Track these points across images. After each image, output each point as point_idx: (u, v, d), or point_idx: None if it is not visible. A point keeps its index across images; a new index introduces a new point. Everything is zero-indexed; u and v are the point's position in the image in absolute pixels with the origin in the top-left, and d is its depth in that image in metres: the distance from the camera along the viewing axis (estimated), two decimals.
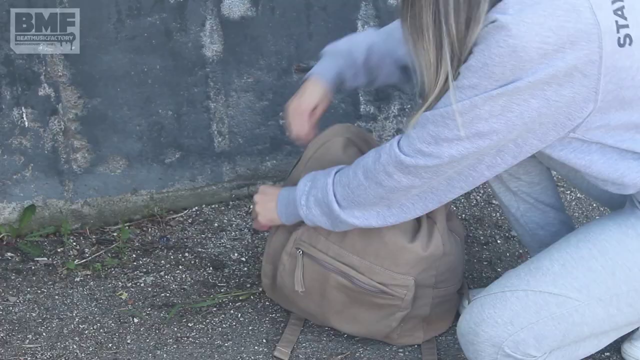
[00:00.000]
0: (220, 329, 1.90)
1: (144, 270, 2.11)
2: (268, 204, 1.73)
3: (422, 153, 1.43)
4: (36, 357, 1.83)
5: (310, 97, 1.74)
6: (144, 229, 2.26)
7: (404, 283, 1.70)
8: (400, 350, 1.82)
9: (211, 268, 2.11)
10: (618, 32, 1.33)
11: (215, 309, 1.96)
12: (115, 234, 2.25)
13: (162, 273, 2.10)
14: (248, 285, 2.04)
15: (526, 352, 1.51)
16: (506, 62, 1.32)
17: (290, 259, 1.77)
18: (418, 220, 1.72)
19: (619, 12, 1.34)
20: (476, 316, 1.53)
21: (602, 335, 1.56)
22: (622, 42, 1.34)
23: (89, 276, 2.09)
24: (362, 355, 1.81)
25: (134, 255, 2.16)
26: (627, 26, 1.34)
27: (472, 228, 2.23)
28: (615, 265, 1.48)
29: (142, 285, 2.06)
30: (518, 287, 1.52)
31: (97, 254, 2.17)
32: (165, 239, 2.22)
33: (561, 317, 1.49)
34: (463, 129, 1.38)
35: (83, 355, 1.83)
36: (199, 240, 2.22)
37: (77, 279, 2.08)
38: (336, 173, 1.60)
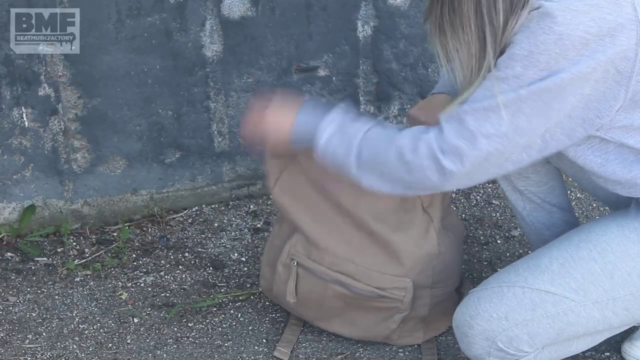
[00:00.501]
0: (220, 329, 1.90)
1: (144, 270, 2.11)
2: (286, 111, 1.56)
3: (458, 151, 1.37)
4: (36, 357, 1.83)
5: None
6: (144, 229, 2.26)
7: (402, 285, 1.70)
8: (400, 350, 1.82)
9: (211, 268, 2.11)
10: None
11: (215, 309, 1.96)
12: (115, 234, 2.25)
13: (162, 273, 2.10)
14: (248, 285, 2.04)
15: (519, 347, 1.51)
16: (551, 49, 1.30)
17: (285, 270, 1.76)
18: (413, 218, 1.71)
19: None
20: (472, 309, 1.54)
21: (596, 334, 1.56)
22: None
23: (89, 276, 2.09)
24: (362, 355, 1.81)
25: (134, 255, 2.16)
26: None
27: (472, 228, 2.23)
28: (614, 269, 1.48)
29: (142, 285, 2.06)
30: (515, 284, 1.52)
31: (97, 254, 2.17)
32: (165, 239, 2.22)
33: (556, 316, 1.49)
34: (506, 123, 1.34)
35: (83, 355, 1.83)
36: (199, 240, 2.22)
37: (77, 279, 2.08)
38: (368, 130, 1.48)
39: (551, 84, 1.32)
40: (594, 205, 2.31)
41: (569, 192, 2.36)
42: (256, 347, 1.84)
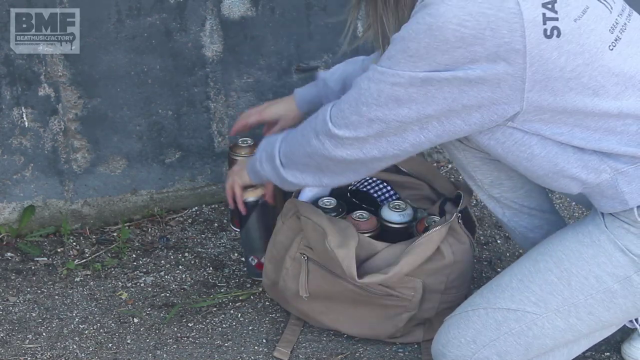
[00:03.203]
0: (220, 329, 1.90)
1: (144, 270, 2.11)
2: (242, 170, 1.79)
3: (345, 118, 1.46)
4: (36, 357, 1.83)
5: (276, 108, 1.93)
6: (144, 229, 2.26)
7: (412, 285, 1.70)
8: (400, 350, 1.82)
9: (211, 268, 2.11)
10: (545, 23, 1.34)
11: (215, 309, 1.97)
12: (115, 234, 2.25)
13: (162, 273, 2.10)
14: (248, 285, 2.04)
15: None
16: (421, 38, 1.34)
17: (294, 264, 1.77)
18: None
19: (549, 6, 1.35)
20: (443, 337, 1.58)
21: (572, 344, 1.57)
22: (549, 33, 1.35)
23: (89, 276, 2.09)
24: (362, 355, 1.81)
25: (134, 255, 2.16)
26: (556, 19, 1.35)
27: None
28: (570, 276, 1.48)
29: (142, 285, 2.06)
30: (479, 306, 1.54)
31: (97, 254, 2.17)
32: (165, 239, 2.22)
33: (520, 332, 1.51)
34: (381, 100, 1.41)
35: (83, 355, 1.83)
36: (199, 240, 2.22)
37: (77, 279, 2.08)
38: (286, 135, 1.63)
39: (422, 75, 1.37)
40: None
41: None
42: (256, 347, 1.84)
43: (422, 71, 1.36)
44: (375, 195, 1.93)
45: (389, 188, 1.94)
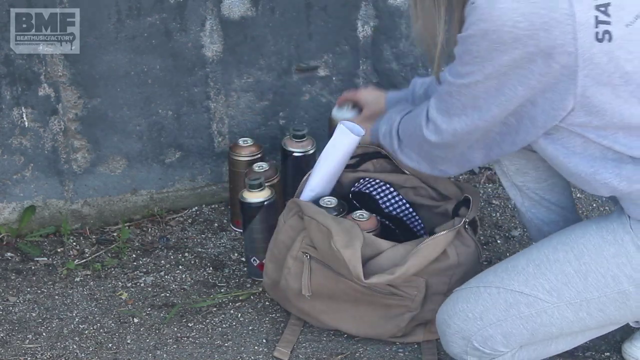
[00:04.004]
0: (220, 329, 1.90)
1: (144, 270, 2.11)
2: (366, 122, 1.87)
3: (435, 123, 1.53)
4: (36, 357, 1.83)
5: (368, 95, 1.99)
6: (144, 229, 2.26)
7: (415, 284, 1.70)
8: (400, 350, 1.82)
9: (211, 268, 2.11)
10: (597, 26, 1.34)
11: (215, 309, 1.96)
12: (115, 234, 2.25)
13: (162, 273, 2.10)
14: (248, 285, 2.04)
15: (494, 347, 1.54)
16: (479, 42, 1.38)
17: (297, 263, 1.77)
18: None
19: (602, 9, 1.35)
20: (450, 308, 1.58)
21: (576, 334, 1.57)
22: (600, 37, 1.34)
23: (89, 276, 2.09)
24: (362, 355, 1.81)
25: (134, 255, 2.16)
26: (608, 23, 1.35)
27: None
28: (588, 271, 1.48)
29: (142, 285, 2.06)
30: (492, 284, 1.54)
31: (97, 254, 2.17)
32: (165, 239, 2.22)
33: (529, 317, 1.51)
34: (467, 107, 1.47)
35: (83, 355, 1.83)
36: (199, 240, 2.22)
37: (77, 279, 2.08)
38: (404, 116, 1.70)
39: (481, 77, 1.41)
40: (594, 205, 2.31)
41: None
42: (256, 347, 1.84)
43: (488, 71, 1.40)
44: (377, 197, 1.93)
45: (391, 189, 1.94)
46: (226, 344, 1.86)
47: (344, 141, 1.81)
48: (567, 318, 1.50)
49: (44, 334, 1.90)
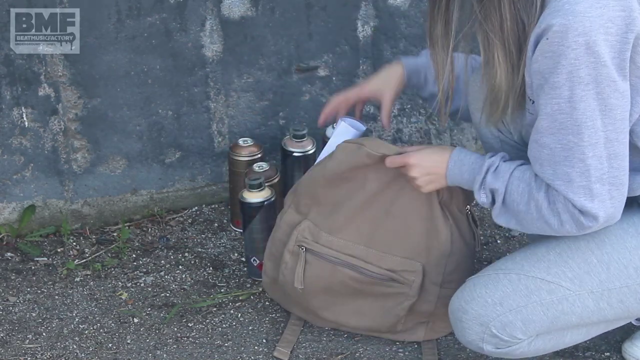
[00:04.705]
0: (220, 329, 1.90)
1: (144, 270, 2.11)
2: (435, 170, 1.64)
3: (591, 212, 1.41)
4: (36, 357, 1.83)
5: (374, 84, 1.85)
6: (144, 229, 2.26)
7: (412, 268, 1.71)
8: (400, 350, 1.82)
9: (211, 268, 2.11)
10: None
11: (215, 309, 1.96)
12: (115, 234, 2.25)
13: (162, 273, 2.10)
14: (248, 285, 2.04)
15: (512, 334, 1.52)
16: (584, 60, 1.34)
17: (292, 257, 1.77)
18: (431, 217, 1.72)
19: None
20: (467, 294, 1.56)
21: (590, 326, 1.57)
22: None
23: (89, 276, 2.09)
24: (362, 355, 1.81)
25: (134, 255, 2.16)
26: None
27: None
28: (610, 260, 1.49)
29: (142, 285, 2.06)
30: (512, 270, 1.54)
31: (97, 254, 2.17)
32: (165, 239, 2.22)
33: (550, 304, 1.50)
34: (603, 158, 1.40)
35: (83, 355, 1.83)
36: (199, 240, 2.22)
37: (77, 279, 2.08)
38: (510, 178, 1.51)
39: (600, 89, 1.35)
40: None
41: None
42: (256, 347, 1.84)
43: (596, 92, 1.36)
44: None
45: None
46: (226, 344, 1.86)
47: (345, 138, 1.81)
48: (588, 307, 1.50)
49: (44, 334, 1.90)
